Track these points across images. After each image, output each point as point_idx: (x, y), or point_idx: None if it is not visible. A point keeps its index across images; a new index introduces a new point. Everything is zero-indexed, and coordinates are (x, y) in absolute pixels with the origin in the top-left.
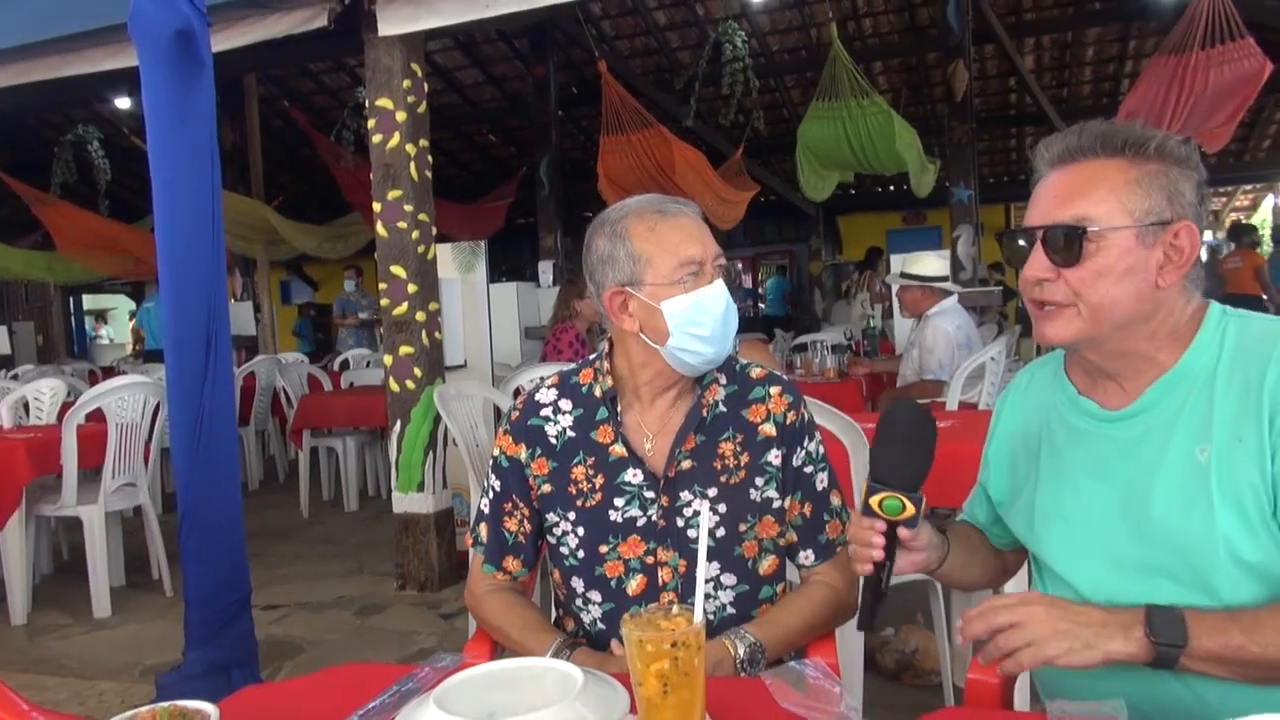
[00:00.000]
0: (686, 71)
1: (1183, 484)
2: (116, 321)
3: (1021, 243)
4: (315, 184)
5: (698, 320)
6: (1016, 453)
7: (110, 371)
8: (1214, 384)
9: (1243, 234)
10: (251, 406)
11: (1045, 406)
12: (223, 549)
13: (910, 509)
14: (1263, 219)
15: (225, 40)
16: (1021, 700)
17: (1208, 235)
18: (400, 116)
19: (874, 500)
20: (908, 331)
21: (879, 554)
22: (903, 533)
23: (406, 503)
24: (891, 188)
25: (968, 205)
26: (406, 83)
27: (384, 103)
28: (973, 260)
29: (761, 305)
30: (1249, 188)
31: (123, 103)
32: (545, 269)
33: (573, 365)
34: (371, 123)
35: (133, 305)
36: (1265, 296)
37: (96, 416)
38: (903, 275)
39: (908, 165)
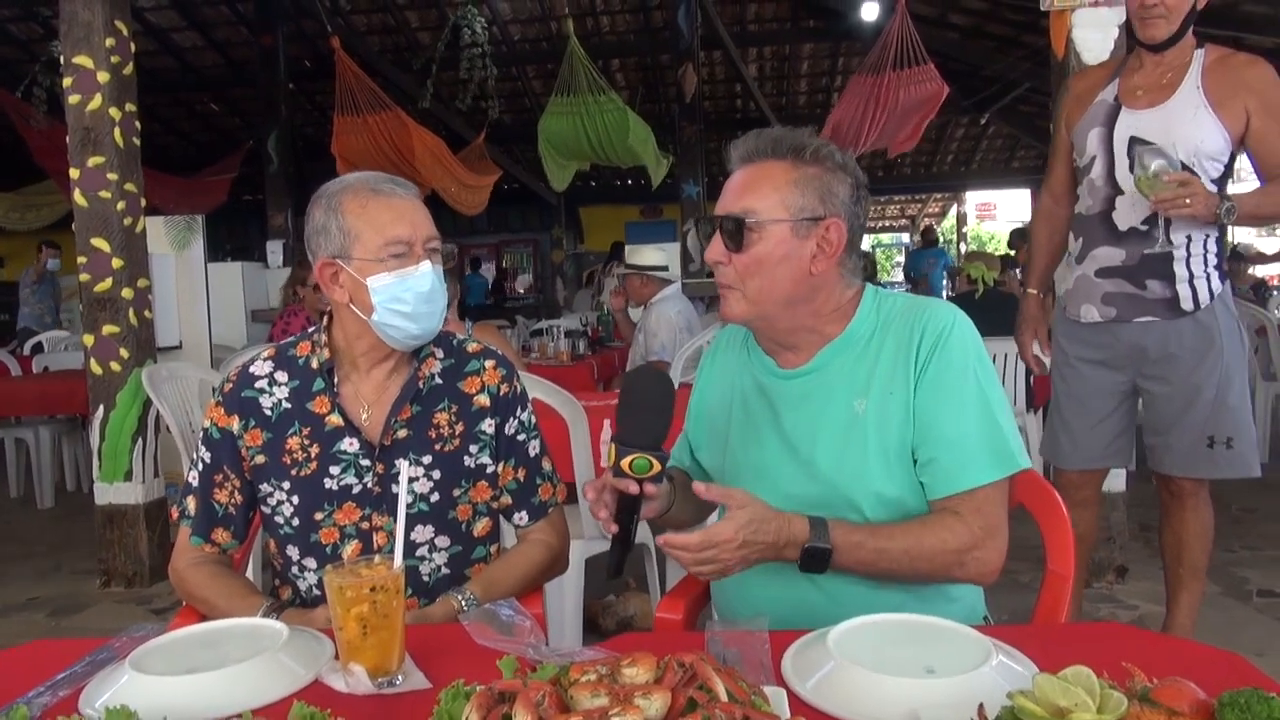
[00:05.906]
0: (425, 53)
1: (842, 432)
2: None
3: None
4: (1, 145)
5: (401, 298)
6: (713, 407)
7: None
8: (871, 347)
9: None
10: None
11: (736, 367)
12: None
13: (657, 466)
14: (950, 224)
15: None
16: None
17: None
18: (102, 77)
19: (624, 462)
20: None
21: (620, 519)
22: (649, 488)
23: (112, 493)
24: (630, 181)
25: (697, 201)
26: (110, 41)
27: (82, 60)
28: (701, 253)
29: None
30: (939, 196)
31: None
32: (275, 249)
33: (291, 339)
34: (68, 81)
35: None
36: None
37: None
38: (626, 266)
39: (644, 160)
